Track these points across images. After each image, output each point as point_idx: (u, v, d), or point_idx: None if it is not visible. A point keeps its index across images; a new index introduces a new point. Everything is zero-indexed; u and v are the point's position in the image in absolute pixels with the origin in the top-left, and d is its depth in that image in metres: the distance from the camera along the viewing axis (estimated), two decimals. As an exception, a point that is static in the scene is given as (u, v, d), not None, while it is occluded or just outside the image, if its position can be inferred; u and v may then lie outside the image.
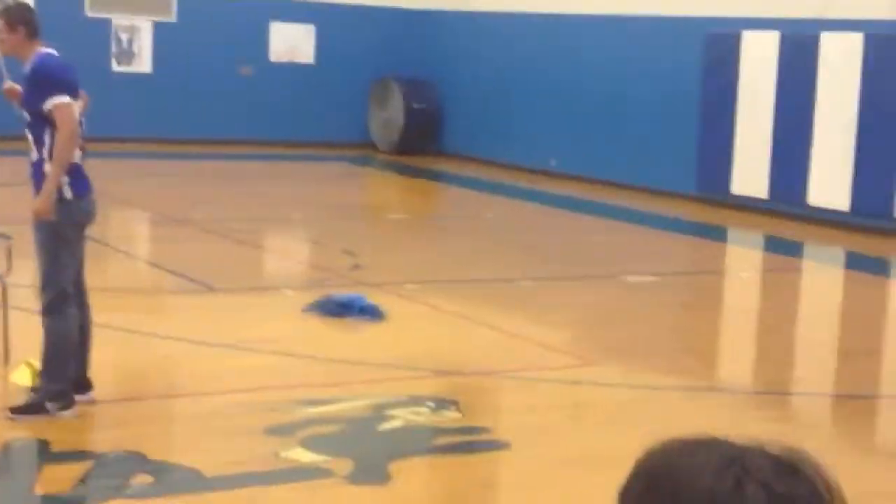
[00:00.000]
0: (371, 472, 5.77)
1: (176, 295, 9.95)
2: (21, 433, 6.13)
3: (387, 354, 7.97)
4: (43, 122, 6.24)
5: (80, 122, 6.50)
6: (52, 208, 6.18)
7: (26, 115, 6.38)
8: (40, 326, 6.41)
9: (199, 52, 20.91)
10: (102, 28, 20.49)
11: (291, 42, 21.66)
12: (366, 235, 13.45)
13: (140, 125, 20.56)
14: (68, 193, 6.30)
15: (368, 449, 6.17)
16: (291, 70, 21.63)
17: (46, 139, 6.26)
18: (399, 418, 6.65)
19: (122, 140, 20.27)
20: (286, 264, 12.15)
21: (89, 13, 20.37)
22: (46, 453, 5.84)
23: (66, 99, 6.27)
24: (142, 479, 5.53)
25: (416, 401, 6.97)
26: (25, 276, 8.14)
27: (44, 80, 6.28)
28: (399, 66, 21.69)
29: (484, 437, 6.49)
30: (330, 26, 21.69)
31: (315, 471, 5.77)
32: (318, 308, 9.00)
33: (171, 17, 21.07)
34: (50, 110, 6.21)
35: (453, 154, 21.24)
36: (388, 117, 21.50)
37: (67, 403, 6.35)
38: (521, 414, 7.00)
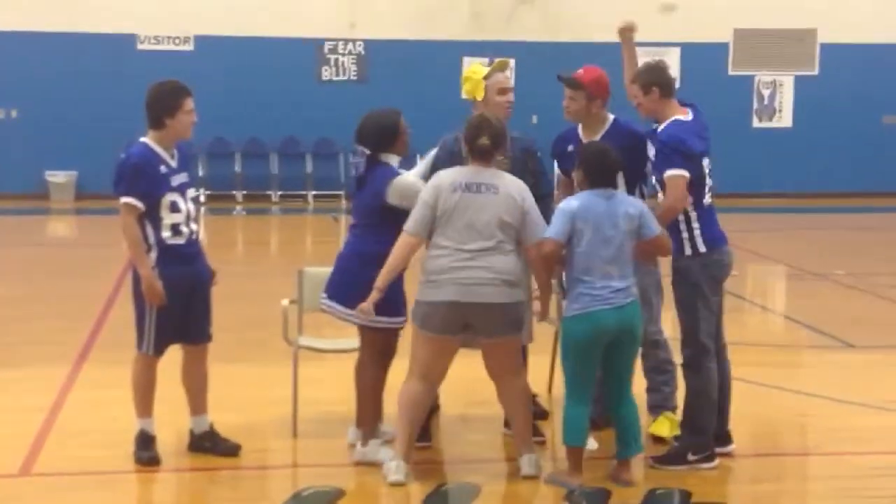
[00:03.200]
0: None
1: (813, 351, 9.82)
2: (665, 482, 6.32)
3: None
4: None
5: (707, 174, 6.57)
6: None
7: (654, 183, 6.63)
8: (682, 380, 6.61)
9: (840, 104, 20.60)
10: (745, 85, 20.80)
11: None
12: None
13: (778, 180, 20.62)
14: (702, 247, 6.44)
15: None
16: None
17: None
18: None
19: (762, 195, 20.43)
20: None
21: (732, 71, 20.75)
22: (687, 503, 5.99)
23: (681, 172, 6.33)
24: (779, 537, 5.51)
25: None
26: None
27: (668, 150, 6.41)
28: None
29: None
30: None
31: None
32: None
33: (813, 70, 20.95)
34: (665, 179, 6.39)
35: None
36: None
37: (708, 456, 6.48)
38: None
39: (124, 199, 6.25)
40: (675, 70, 20.31)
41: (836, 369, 8.92)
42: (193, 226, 6.43)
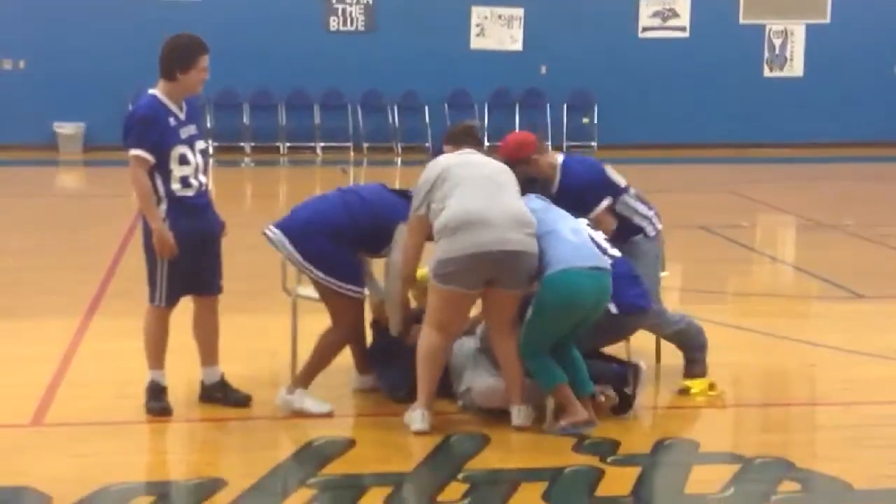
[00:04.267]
0: None
1: (822, 301, 9.82)
2: (673, 433, 6.34)
3: None
4: None
5: None
6: None
7: None
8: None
9: (852, 52, 20.46)
10: (756, 34, 20.65)
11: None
12: None
13: (789, 130, 20.52)
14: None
15: None
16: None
17: None
18: None
19: (775, 145, 20.34)
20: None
21: (743, 20, 20.58)
22: (695, 453, 6.01)
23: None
24: (789, 486, 5.52)
25: None
26: (675, 279, 8.39)
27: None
28: None
29: None
30: None
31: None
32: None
33: (825, 19, 20.78)
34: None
35: None
36: None
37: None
38: None
39: (134, 152, 6.23)
40: (685, 20, 20.19)
41: (846, 320, 8.92)
42: (202, 178, 6.42)
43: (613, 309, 6.28)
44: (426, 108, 19.79)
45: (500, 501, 5.31)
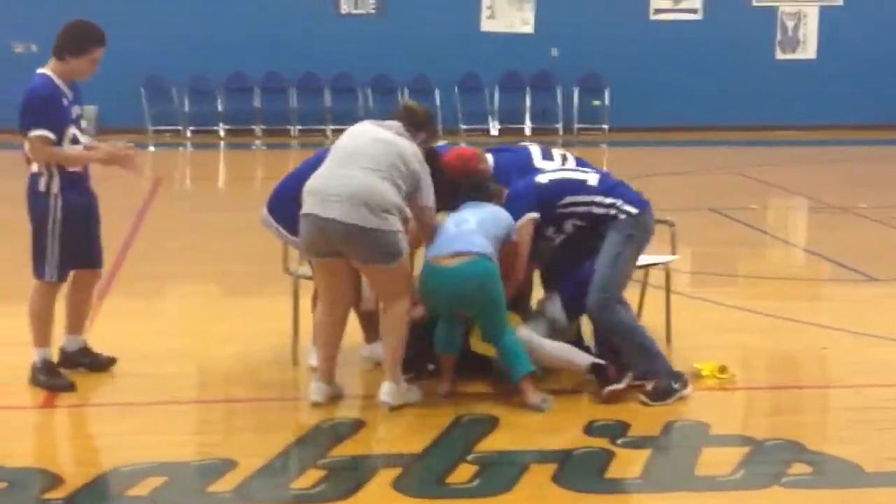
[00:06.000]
0: None
1: (835, 284, 9.78)
2: (684, 415, 6.32)
3: None
4: None
5: None
6: None
7: None
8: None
9: (865, 35, 20.35)
10: (768, 16, 20.54)
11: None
12: None
13: (801, 112, 20.43)
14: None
15: None
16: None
17: None
18: None
19: (786, 128, 20.27)
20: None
21: (756, 2, 20.47)
22: (705, 435, 5.99)
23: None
24: (800, 469, 5.50)
25: None
26: (685, 262, 8.38)
27: None
28: None
29: None
30: None
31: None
32: None
33: (838, 1, 20.67)
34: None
35: None
36: None
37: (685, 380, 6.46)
38: None
39: (38, 133, 6.28)
40: (697, 2, 20.10)
41: (858, 302, 8.88)
42: None
43: (633, 209, 6.48)
44: (436, 91, 19.74)
45: (510, 483, 5.29)
